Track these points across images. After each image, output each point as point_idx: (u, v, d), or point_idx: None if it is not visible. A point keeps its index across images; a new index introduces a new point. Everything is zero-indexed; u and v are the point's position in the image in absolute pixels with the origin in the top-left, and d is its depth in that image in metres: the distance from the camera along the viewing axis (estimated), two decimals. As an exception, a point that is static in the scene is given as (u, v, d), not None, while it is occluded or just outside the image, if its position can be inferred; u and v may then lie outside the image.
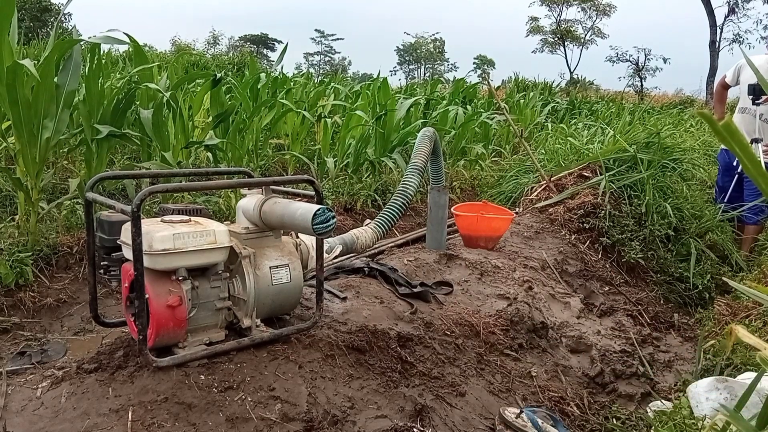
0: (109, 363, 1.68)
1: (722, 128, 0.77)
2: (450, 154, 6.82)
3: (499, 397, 2.16)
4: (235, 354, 1.74)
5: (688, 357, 2.91)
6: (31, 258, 2.98)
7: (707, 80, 27.52)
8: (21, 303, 2.87)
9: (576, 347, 2.70)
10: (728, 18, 30.58)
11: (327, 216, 1.71)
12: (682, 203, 4.27)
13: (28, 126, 2.91)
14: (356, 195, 5.00)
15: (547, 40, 42.50)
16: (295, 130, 5.78)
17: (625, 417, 2.27)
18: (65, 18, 20.29)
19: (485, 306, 2.65)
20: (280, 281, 1.84)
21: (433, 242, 3.25)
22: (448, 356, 2.19)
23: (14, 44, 2.99)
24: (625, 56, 36.19)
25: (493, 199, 4.77)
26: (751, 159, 0.81)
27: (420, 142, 3.43)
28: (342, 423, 1.66)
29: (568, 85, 24.39)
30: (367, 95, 6.66)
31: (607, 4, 40.61)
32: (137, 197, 1.49)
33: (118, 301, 2.92)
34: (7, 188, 3.76)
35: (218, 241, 1.65)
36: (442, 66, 56.10)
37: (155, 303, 1.58)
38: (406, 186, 3.25)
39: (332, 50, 56.34)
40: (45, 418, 1.50)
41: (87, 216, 1.80)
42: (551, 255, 3.49)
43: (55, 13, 21.34)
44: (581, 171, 4.47)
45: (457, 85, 10.23)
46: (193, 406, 1.53)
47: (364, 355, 1.94)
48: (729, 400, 1.69)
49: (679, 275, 3.90)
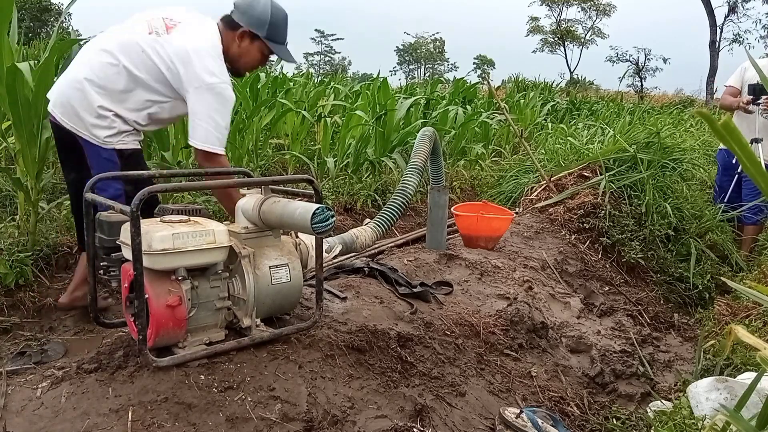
0: (109, 363, 1.68)
1: (721, 128, 0.77)
2: (450, 154, 6.82)
3: (499, 397, 2.16)
4: (235, 354, 1.74)
5: (688, 357, 2.91)
6: (31, 258, 2.97)
7: (707, 80, 27.55)
8: (21, 303, 2.87)
9: (576, 347, 2.70)
10: (728, 18, 30.60)
11: (326, 215, 1.70)
12: (682, 203, 4.27)
13: (28, 126, 2.91)
14: (356, 195, 5.00)
15: (547, 40, 42.57)
16: (295, 130, 5.78)
17: (625, 417, 2.27)
18: (65, 18, 20.30)
19: (485, 306, 2.65)
20: (279, 281, 1.84)
21: (433, 242, 3.25)
22: (448, 356, 2.19)
23: (14, 44, 2.99)
24: (625, 56, 36.24)
25: (493, 199, 4.77)
26: (751, 158, 0.82)
27: (420, 142, 3.43)
28: (342, 423, 1.66)
29: (568, 85, 24.39)
30: (367, 95, 6.66)
31: (607, 3, 40.69)
32: (136, 197, 1.49)
33: (118, 301, 2.92)
34: (7, 188, 3.76)
35: (217, 241, 1.65)
36: (442, 66, 56.18)
37: (155, 303, 1.58)
38: (405, 186, 3.25)
39: (332, 50, 56.41)
40: (45, 418, 1.50)
41: (86, 216, 1.80)
42: (551, 255, 3.49)
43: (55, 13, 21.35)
44: (581, 171, 4.47)
45: (457, 85, 10.23)
46: (193, 406, 1.53)
47: (364, 355, 1.94)
48: (729, 400, 1.69)
49: (679, 275, 3.90)
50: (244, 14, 2.34)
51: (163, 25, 2.32)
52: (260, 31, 2.35)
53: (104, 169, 2.19)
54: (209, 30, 2.35)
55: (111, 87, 2.28)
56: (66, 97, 2.31)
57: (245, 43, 2.38)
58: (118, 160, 2.33)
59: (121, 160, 2.33)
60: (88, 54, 2.37)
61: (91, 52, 2.36)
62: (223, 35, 2.36)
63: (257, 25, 2.34)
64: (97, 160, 2.30)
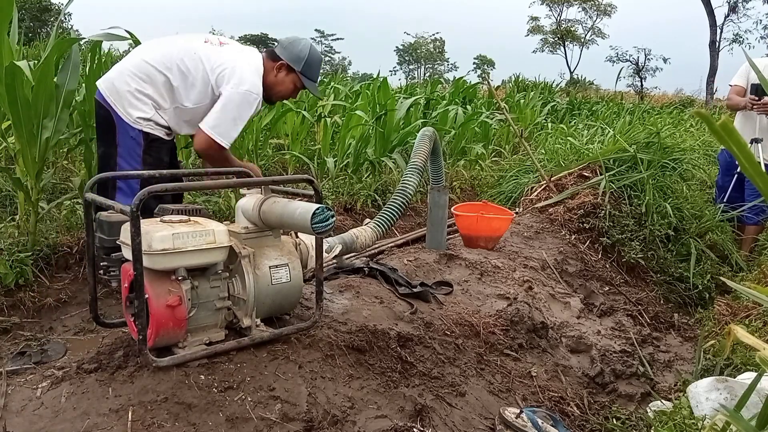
0: (109, 363, 1.68)
1: (719, 128, 0.77)
2: (450, 154, 6.81)
3: (499, 397, 2.16)
4: (235, 354, 1.74)
5: (688, 357, 2.91)
6: (31, 258, 2.97)
7: (707, 80, 27.55)
8: (21, 303, 2.87)
9: (576, 347, 2.70)
10: (728, 18, 30.60)
11: (326, 215, 1.71)
12: (682, 203, 4.27)
13: (27, 126, 2.91)
14: (356, 195, 5.00)
15: (547, 40, 42.58)
16: (295, 130, 5.78)
17: (625, 417, 2.27)
18: (65, 18, 20.30)
19: (485, 306, 2.65)
20: (279, 281, 1.84)
21: (433, 242, 3.25)
22: (448, 356, 2.19)
23: (14, 44, 2.99)
24: (625, 56, 36.24)
25: (493, 199, 4.77)
26: (749, 158, 0.82)
27: (419, 142, 3.43)
28: (342, 423, 1.66)
29: (568, 85, 24.40)
30: (367, 95, 6.65)
31: (608, 4, 40.69)
32: (136, 197, 1.49)
33: (118, 301, 2.92)
34: (7, 188, 3.76)
35: (217, 241, 1.65)
36: (442, 66, 56.17)
37: (155, 303, 1.58)
38: (405, 185, 3.25)
39: (332, 50, 56.37)
40: (45, 418, 1.50)
41: (86, 216, 1.80)
42: (551, 255, 3.50)
43: (55, 13, 21.34)
44: (581, 171, 4.47)
45: (457, 85, 10.23)
46: (193, 406, 1.53)
47: (364, 355, 1.94)
48: (729, 400, 1.69)
49: (679, 275, 3.90)
50: (285, 49, 2.66)
51: (218, 42, 2.67)
52: (296, 66, 2.65)
53: (129, 147, 2.48)
54: (255, 54, 2.68)
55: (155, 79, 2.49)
56: (112, 77, 2.53)
57: (282, 74, 2.67)
58: (143, 142, 2.50)
59: (145, 143, 2.51)
60: (139, 51, 2.61)
61: (144, 50, 2.61)
62: (265, 64, 2.65)
63: (295, 60, 2.65)
64: (125, 138, 2.49)
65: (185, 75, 2.50)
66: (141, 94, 2.48)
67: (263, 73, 2.61)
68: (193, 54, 2.52)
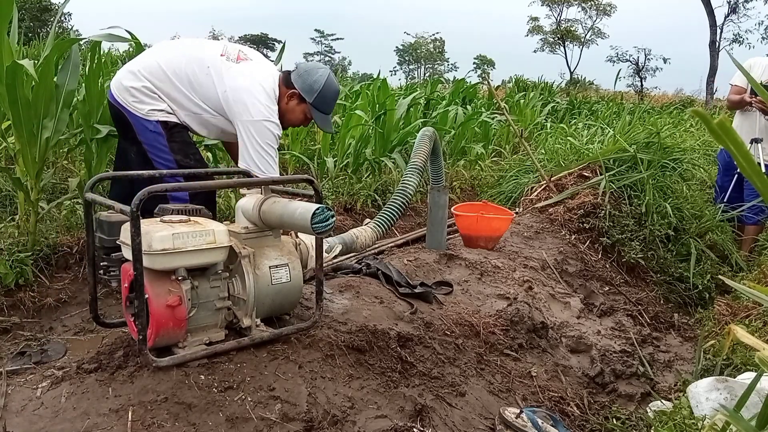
0: (109, 363, 1.68)
1: (717, 127, 0.77)
2: (450, 154, 6.81)
3: (499, 397, 2.16)
4: (235, 354, 1.74)
5: (688, 357, 2.91)
6: (31, 258, 2.97)
7: (707, 80, 27.53)
8: (21, 303, 2.87)
9: (576, 347, 2.70)
10: (728, 18, 30.59)
11: (326, 215, 1.71)
12: (682, 203, 4.27)
13: (27, 126, 2.91)
14: (356, 195, 5.00)
15: (547, 40, 42.56)
16: (294, 129, 5.78)
17: (625, 417, 2.27)
18: (65, 18, 20.29)
19: (485, 306, 2.65)
20: (279, 281, 1.85)
21: (433, 242, 3.25)
22: (448, 356, 2.19)
23: (14, 44, 2.99)
24: (625, 56, 36.24)
25: (493, 199, 4.77)
26: (747, 158, 0.82)
27: (419, 142, 3.43)
28: (342, 423, 1.66)
29: (568, 85, 24.39)
30: (367, 95, 6.65)
31: (608, 3, 40.66)
32: (136, 197, 1.49)
33: (118, 301, 2.92)
34: (7, 188, 3.76)
35: (217, 241, 1.66)
36: (442, 66, 56.15)
37: (155, 303, 1.59)
38: (405, 185, 3.25)
39: (332, 50, 56.44)
40: (45, 418, 1.50)
41: (86, 216, 1.80)
42: (551, 255, 3.50)
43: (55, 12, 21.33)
44: (581, 171, 4.47)
45: (457, 85, 10.22)
46: (193, 406, 1.53)
47: (364, 355, 1.95)
48: (729, 400, 1.69)
49: (679, 275, 3.90)
50: (300, 77, 2.52)
51: (236, 56, 2.53)
52: (308, 97, 2.52)
53: (152, 139, 2.45)
54: (272, 76, 2.54)
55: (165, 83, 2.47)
56: (120, 77, 2.51)
57: (293, 103, 2.55)
58: (164, 131, 2.48)
59: (166, 131, 2.48)
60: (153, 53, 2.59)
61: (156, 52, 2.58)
62: (279, 87, 2.54)
63: (308, 91, 2.52)
64: (145, 133, 2.47)
65: (195, 88, 2.47)
66: (150, 91, 2.46)
67: (278, 98, 2.52)
68: (206, 69, 2.45)
